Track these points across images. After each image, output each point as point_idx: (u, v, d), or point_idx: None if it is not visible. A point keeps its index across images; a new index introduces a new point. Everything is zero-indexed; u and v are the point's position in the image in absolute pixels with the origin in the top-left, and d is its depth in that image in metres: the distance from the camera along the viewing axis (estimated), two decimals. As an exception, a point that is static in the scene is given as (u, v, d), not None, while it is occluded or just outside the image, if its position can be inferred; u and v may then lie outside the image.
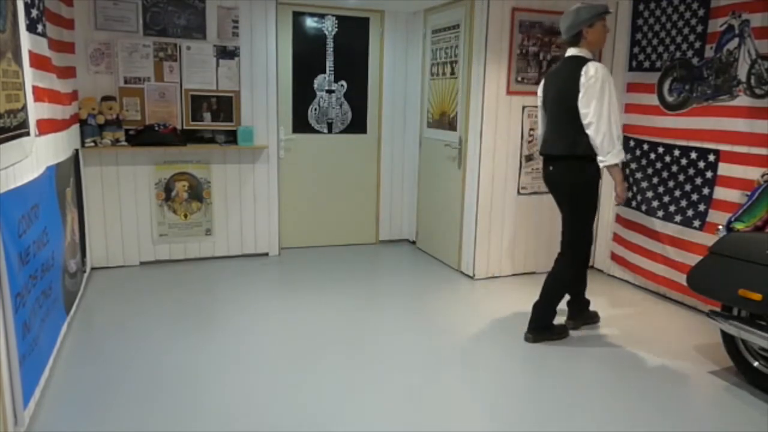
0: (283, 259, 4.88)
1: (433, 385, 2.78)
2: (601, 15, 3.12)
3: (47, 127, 2.88)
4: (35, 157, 2.56)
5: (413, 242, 5.48)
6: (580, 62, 3.05)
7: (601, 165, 3.04)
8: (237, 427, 2.37)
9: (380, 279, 4.56)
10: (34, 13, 2.72)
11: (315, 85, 5.06)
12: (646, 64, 4.08)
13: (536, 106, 4.33)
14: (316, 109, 5.11)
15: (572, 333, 3.46)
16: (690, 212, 3.75)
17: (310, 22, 4.95)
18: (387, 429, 2.40)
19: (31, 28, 2.65)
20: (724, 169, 3.53)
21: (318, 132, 5.15)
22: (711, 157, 3.61)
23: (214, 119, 4.56)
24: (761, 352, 2.76)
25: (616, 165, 3.02)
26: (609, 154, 2.98)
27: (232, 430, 2.35)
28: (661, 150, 3.97)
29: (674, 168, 3.87)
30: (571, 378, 2.89)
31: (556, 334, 3.36)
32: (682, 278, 3.59)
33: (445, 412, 2.55)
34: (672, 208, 3.88)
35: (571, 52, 3.17)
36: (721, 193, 3.55)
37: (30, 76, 2.54)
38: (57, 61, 3.28)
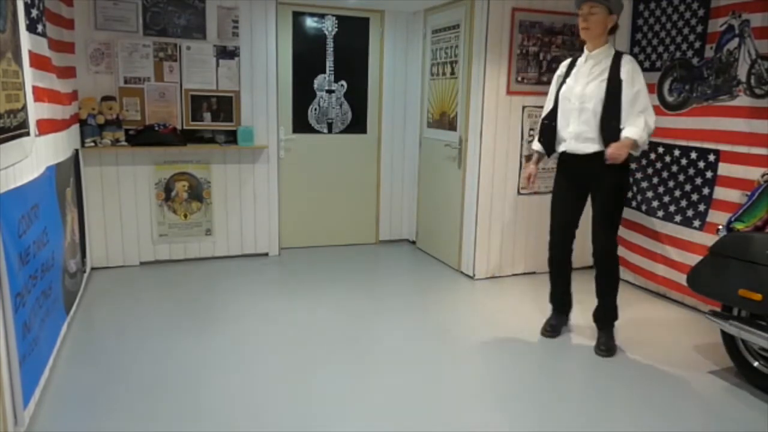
0: (283, 259, 4.88)
1: (433, 385, 2.78)
2: (577, 7, 3.07)
3: (47, 127, 2.88)
4: (35, 157, 2.56)
5: (413, 242, 5.48)
6: None
7: None
8: (237, 427, 2.37)
9: (380, 279, 4.56)
10: (34, 13, 2.72)
11: (315, 85, 5.06)
12: (646, 64, 4.08)
13: (536, 107, 4.35)
14: (316, 109, 5.11)
15: (572, 333, 3.46)
16: (690, 212, 3.75)
17: (310, 22, 4.95)
18: (387, 429, 2.40)
19: (31, 28, 2.65)
20: (724, 169, 3.53)
21: (318, 132, 5.15)
22: (711, 157, 3.61)
23: (214, 119, 4.56)
24: (761, 352, 2.76)
25: (535, 152, 3.36)
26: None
27: (233, 430, 2.35)
28: (661, 150, 3.97)
29: (674, 168, 3.87)
30: (570, 378, 2.89)
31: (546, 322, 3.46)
32: (682, 278, 3.58)
33: (445, 412, 2.55)
34: (672, 208, 3.88)
35: None
36: (721, 193, 3.55)
37: (30, 76, 2.54)
38: (57, 61, 3.28)
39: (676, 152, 3.84)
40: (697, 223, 3.70)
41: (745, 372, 2.83)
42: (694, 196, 3.72)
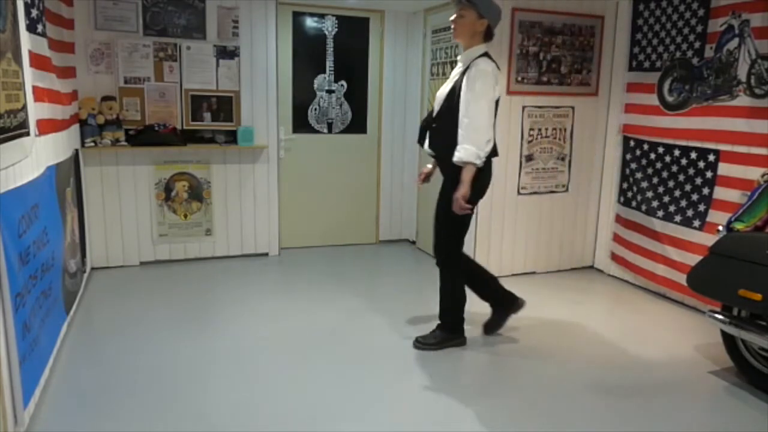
0: (283, 259, 4.88)
1: (433, 386, 2.78)
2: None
3: (47, 127, 2.88)
4: (35, 157, 2.56)
5: (413, 242, 5.47)
6: None
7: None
8: (237, 427, 2.37)
9: (380, 279, 4.56)
10: (34, 13, 2.72)
11: (315, 85, 5.06)
12: (646, 64, 4.08)
13: (537, 107, 4.36)
14: (316, 109, 5.11)
15: (572, 334, 3.46)
16: (690, 212, 3.75)
17: (310, 22, 4.95)
18: (388, 429, 2.40)
19: (31, 28, 2.65)
20: (724, 169, 3.53)
21: (318, 132, 5.15)
22: (711, 157, 3.61)
23: (214, 119, 4.56)
24: (761, 352, 2.76)
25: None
26: None
27: (232, 430, 2.35)
28: (661, 150, 3.97)
29: (674, 168, 3.87)
30: (570, 377, 2.89)
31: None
32: (682, 278, 3.59)
33: (443, 413, 2.55)
34: (672, 208, 3.88)
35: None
36: (721, 193, 3.56)
37: (30, 76, 2.54)
38: (57, 61, 3.28)
39: (676, 152, 3.84)
40: (697, 223, 3.70)
41: (745, 372, 2.83)
42: (694, 196, 3.72)
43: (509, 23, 4.13)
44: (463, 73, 2.89)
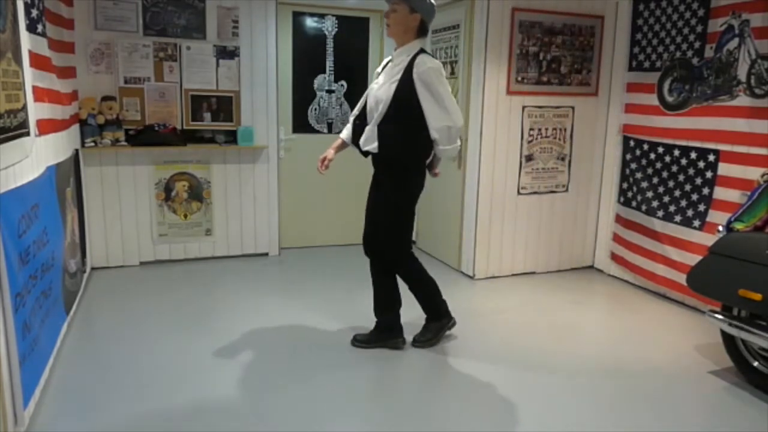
0: (283, 259, 4.88)
1: (434, 386, 2.78)
2: None
3: (47, 127, 2.88)
4: (35, 157, 2.56)
5: (413, 242, 5.47)
6: None
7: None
8: (237, 427, 2.37)
9: (380, 279, 4.55)
10: (34, 13, 2.72)
11: (315, 85, 5.06)
12: (646, 64, 4.08)
13: (536, 107, 4.36)
14: (316, 109, 5.11)
15: (573, 333, 3.46)
16: (690, 212, 3.75)
17: (310, 22, 4.95)
18: (388, 429, 2.40)
19: (31, 28, 2.66)
20: (724, 169, 3.54)
21: (318, 132, 5.15)
22: (711, 157, 3.61)
23: (214, 119, 4.56)
24: (761, 352, 2.76)
25: (341, 139, 3.30)
26: None
27: (232, 430, 2.35)
28: (661, 150, 3.97)
29: (674, 168, 3.87)
30: (570, 377, 2.89)
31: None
32: (682, 278, 3.59)
33: (442, 412, 2.55)
34: (672, 208, 3.88)
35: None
36: (721, 193, 3.56)
37: (30, 76, 2.54)
38: (57, 61, 3.28)
39: (676, 152, 3.85)
40: (697, 223, 3.70)
41: (745, 372, 2.83)
42: (694, 196, 3.73)
43: (509, 23, 4.14)
44: (408, 73, 2.79)
